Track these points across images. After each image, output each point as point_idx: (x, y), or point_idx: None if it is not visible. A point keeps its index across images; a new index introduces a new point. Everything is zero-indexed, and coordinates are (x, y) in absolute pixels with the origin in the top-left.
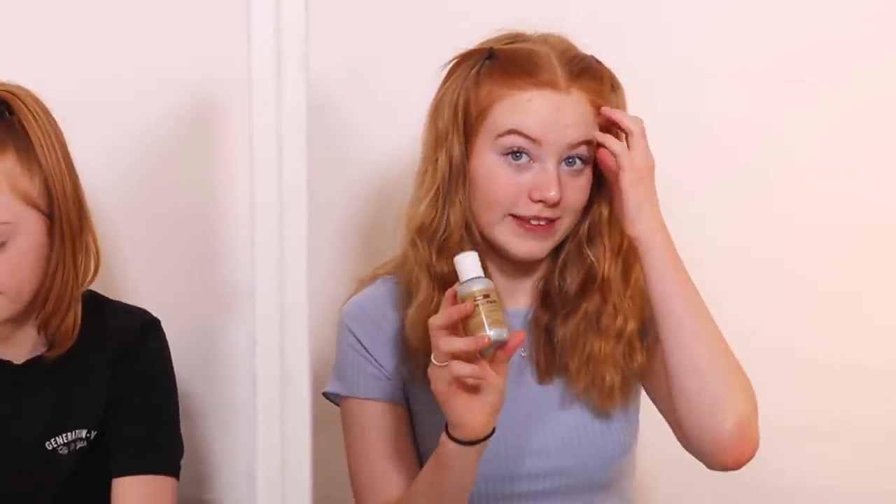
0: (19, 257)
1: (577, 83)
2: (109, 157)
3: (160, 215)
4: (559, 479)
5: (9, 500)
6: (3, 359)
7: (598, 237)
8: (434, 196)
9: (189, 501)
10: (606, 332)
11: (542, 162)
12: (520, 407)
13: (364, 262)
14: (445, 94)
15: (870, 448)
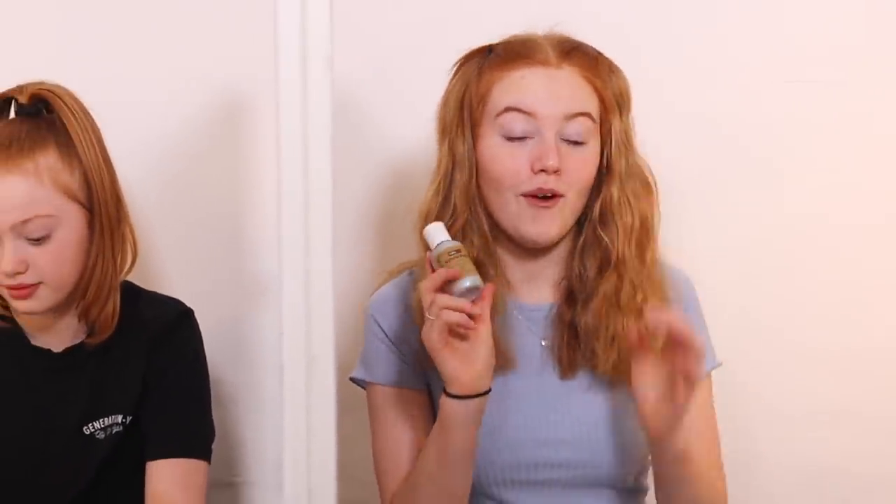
0: (62, 249)
1: (567, 59)
2: (143, 156)
3: (192, 211)
4: (576, 470)
5: (47, 483)
6: (44, 347)
7: (610, 218)
8: (438, 185)
9: (219, 483)
10: (627, 309)
11: (540, 135)
12: (540, 399)
13: (386, 255)
14: (451, 90)
15: (870, 434)
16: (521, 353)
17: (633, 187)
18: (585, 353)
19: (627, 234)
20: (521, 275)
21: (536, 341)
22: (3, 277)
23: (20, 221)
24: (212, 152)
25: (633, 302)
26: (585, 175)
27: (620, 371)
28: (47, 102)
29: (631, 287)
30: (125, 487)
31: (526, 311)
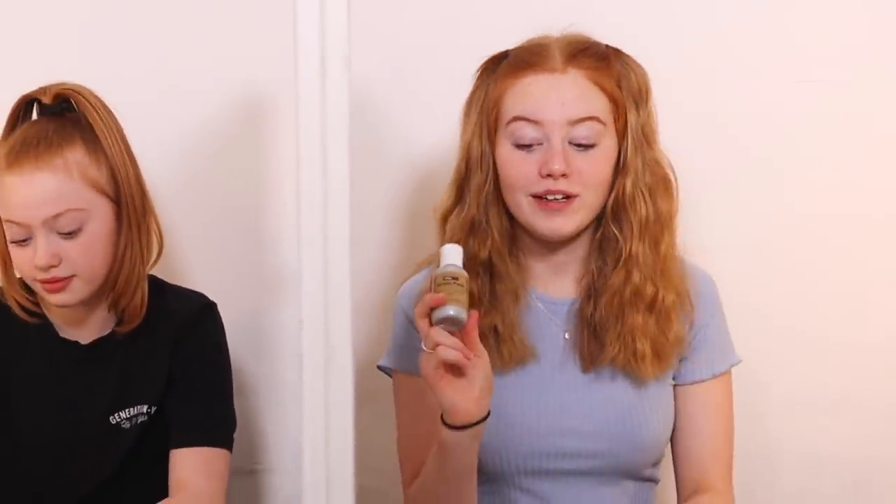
0: (93, 241)
1: (573, 62)
2: (167, 154)
3: (214, 208)
4: (594, 460)
5: (74, 471)
6: (72, 339)
7: (622, 213)
8: (454, 187)
9: (241, 471)
10: (637, 303)
11: (547, 140)
12: (561, 390)
13: (405, 250)
14: (472, 95)
15: (869, 421)
16: (544, 345)
17: (648, 181)
18: (601, 347)
19: (641, 227)
20: (546, 269)
21: (559, 334)
22: (37, 272)
23: (52, 216)
24: (233, 150)
25: (643, 296)
26: (597, 175)
27: (633, 365)
28: (71, 101)
29: (641, 281)
30: (149, 476)
31: (549, 304)
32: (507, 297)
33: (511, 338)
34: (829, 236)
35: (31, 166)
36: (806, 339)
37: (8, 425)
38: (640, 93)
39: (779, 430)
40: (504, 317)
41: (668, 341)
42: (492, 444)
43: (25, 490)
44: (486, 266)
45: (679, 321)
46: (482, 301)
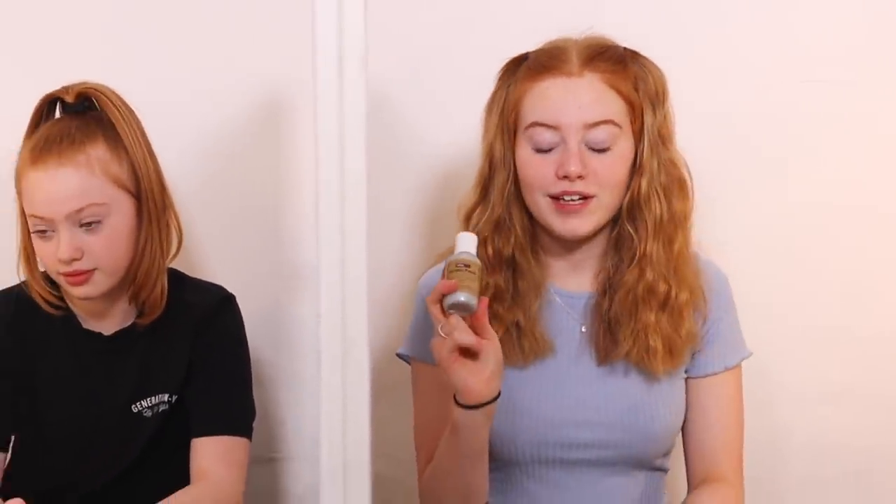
0: (114, 235)
1: (589, 66)
2: (189, 152)
3: (234, 204)
4: (607, 450)
5: (98, 459)
6: (95, 330)
7: (638, 212)
8: (478, 186)
9: (260, 459)
10: (650, 301)
11: (564, 143)
12: (577, 382)
13: (422, 246)
14: (493, 97)
15: (872, 410)
16: (561, 337)
17: (663, 181)
18: (615, 343)
19: (655, 227)
20: (564, 264)
21: (576, 327)
22: (60, 265)
23: (75, 210)
24: (253, 149)
25: (655, 294)
26: (613, 176)
27: (646, 361)
28: (93, 100)
29: (654, 280)
30: (170, 464)
31: (567, 298)
32: (528, 293)
33: (532, 332)
34: (833, 232)
35: (54, 162)
36: (811, 332)
37: (34, 414)
38: (657, 94)
39: (784, 419)
40: (526, 311)
41: (680, 338)
42: (508, 434)
43: (50, 477)
44: (510, 262)
45: (691, 318)
46: (505, 296)
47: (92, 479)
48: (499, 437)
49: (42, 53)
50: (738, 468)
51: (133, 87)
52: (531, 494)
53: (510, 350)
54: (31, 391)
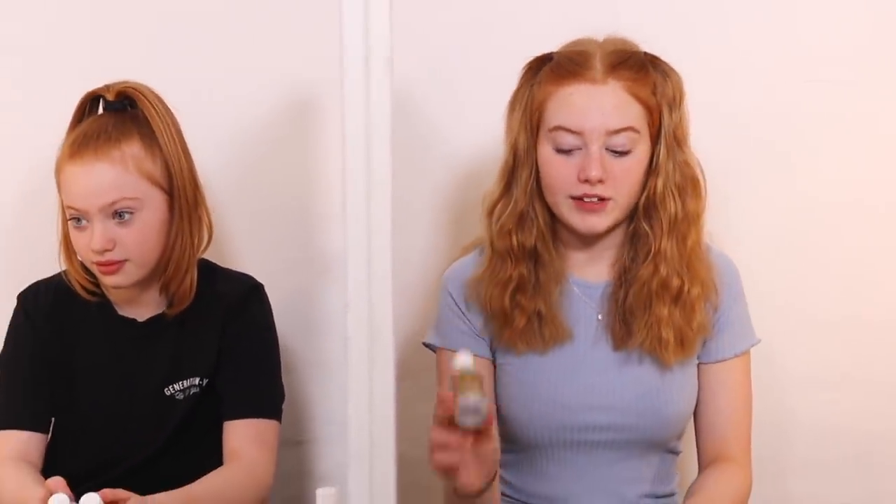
0: (145, 229)
1: (613, 74)
2: (223, 148)
3: (266, 197)
4: (620, 433)
5: (132, 439)
6: (129, 317)
7: (653, 210)
8: (502, 181)
9: (290, 441)
10: (663, 295)
11: (586, 147)
12: (594, 368)
13: (445, 238)
14: (516, 95)
15: (873, 395)
16: (579, 324)
17: (678, 181)
18: (629, 333)
19: (670, 225)
20: (582, 255)
21: (593, 315)
22: (93, 255)
23: (108, 203)
24: (283, 146)
25: (668, 288)
26: (631, 179)
27: (658, 351)
28: (132, 99)
29: (668, 275)
30: (201, 445)
31: (585, 287)
32: (549, 283)
33: (552, 320)
34: (835, 226)
35: (90, 157)
36: (814, 321)
37: (72, 398)
38: (674, 98)
39: (789, 404)
40: (547, 300)
41: (691, 330)
42: (528, 418)
43: (88, 457)
44: (532, 254)
45: (703, 311)
46: (527, 287)
47: (127, 459)
48: (519, 419)
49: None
50: (746, 449)
51: (171, 88)
52: (549, 475)
53: (531, 337)
54: (69, 376)
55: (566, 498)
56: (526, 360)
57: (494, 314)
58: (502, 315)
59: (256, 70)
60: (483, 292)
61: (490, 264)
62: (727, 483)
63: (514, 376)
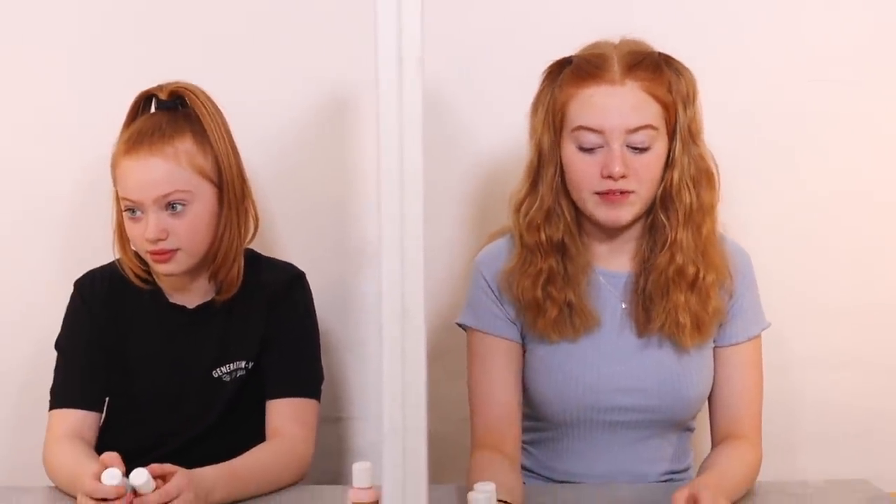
0: (196, 220)
1: (630, 75)
2: (268, 145)
3: (306, 191)
4: (643, 414)
5: (182, 419)
6: (179, 304)
7: (669, 201)
8: (528, 179)
9: (328, 419)
10: (679, 282)
11: (607, 145)
12: (619, 353)
13: (473, 228)
14: (539, 97)
15: (876, 375)
16: (605, 313)
17: (693, 174)
18: (649, 318)
19: (685, 215)
20: (605, 247)
21: (618, 304)
22: (147, 244)
23: (162, 195)
24: (322, 143)
25: (685, 276)
26: (651, 173)
27: (676, 335)
28: (183, 98)
29: (684, 263)
30: (246, 424)
31: (609, 277)
32: (577, 274)
33: (582, 310)
34: (839, 217)
35: (145, 153)
36: (821, 305)
37: (125, 379)
38: (687, 95)
39: (797, 384)
40: (576, 291)
41: (707, 315)
42: (558, 399)
43: (140, 436)
44: (560, 247)
45: (718, 296)
46: (557, 278)
47: (177, 438)
48: (549, 401)
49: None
50: (757, 427)
51: (219, 88)
52: (577, 452)
53: (563, 326)
54: (123, 359)
55: (590, 475)
56: (557, 348)
57: (527, 305)
58: (535, 306)
59: (297, 73)
60: (515, 285)
61: (520, 258)
62: (739, 458)
63: (546, 362)
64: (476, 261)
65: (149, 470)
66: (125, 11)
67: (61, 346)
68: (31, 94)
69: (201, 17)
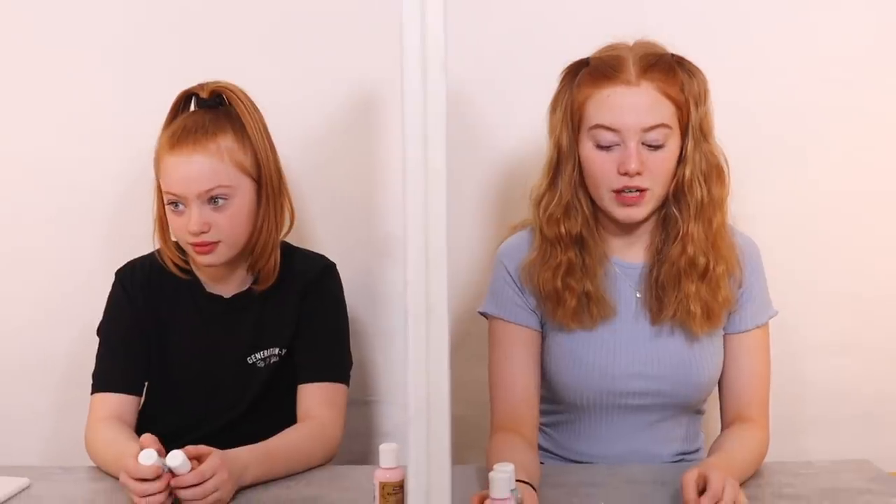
0: (237, 213)
1: (645, 76)
2: (300, 143)
3: (336, 186)
4: (656, 398)
5: (219, 402)
6: (216, 293)
7: (681, 195)
8: (547, 176)
9: (357, 402)
10: (690, 273)
11: (624, 143)
12: (634, 341)
13: (494, 221)
14: (558, 96)
15: (876, 362)
16: (621, 302)
17: (704, 169)
18: (661, 307)
19: (697, 209)
20: (621, 240)
21: (632, 293)
22: (190, 236)
23: (205, 190)
24: (351, 139)
25: (696, 266)
26: (665, 170)
27: (688, 323)
28: (224, 96)
29: (695, 254)
30: (277, 408)
31: (624, 268)
32: (594, 265)
33: (599, 299)
34: (841, 205)
35: (189, 149)
36: (825, 294)
37: (164, 365)
38: (699, 95)
39: (801, 369)
40: (593, 281)
41: (717, 303)
42: (576, 384)
43: (177, 419)
44: (578, 240)
45: (727, 286)
46: (576, 269)
47: (213, 420)
48: (567, 386)
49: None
50: (764, 411)
51: (256, 88)
52: (593, 434)
53: (581, 315)
54: (161, 345)
55: (605, 456)
56: (575, 335)
57: (547, 296)
58: (555, 296)
59: (328, 73)
60: (535, 276)
61: (541, 250)
62: (747, 440)
63: (565, 348)
64: (498, 252)
65: (184, 451)
66: (166, 16)
67: (103, 333)
68: (76, 95)
69: (238, 21)
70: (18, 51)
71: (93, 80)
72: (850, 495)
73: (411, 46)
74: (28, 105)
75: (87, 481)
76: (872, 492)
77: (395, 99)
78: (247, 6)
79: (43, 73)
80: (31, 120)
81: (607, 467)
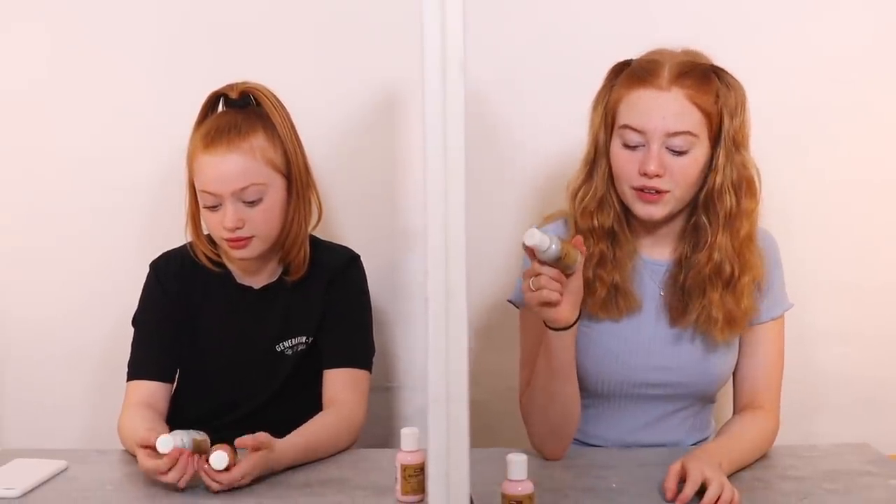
0: (269, 209)
1: (676, 82)
2: (326, 140)
3: (360, 181)
4: (673, 388)
5: (247, 389)
6: (246, 284)
7: (710, 203)
8: (585, 168)
9: (379, 388)
10: (715, 281)
11: (648, 145)
12: (654, 335)
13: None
14: (599, 94)
15: (879, 349)
16: (645, 298)
17: (734, 180)
18: (684, 312)
19: (725, 218)
20: (649, 238)
21: (657, 291)
22: (225, 232)
23: (239, 188)
24: (374, 137)
25: (721, 275)
26: (687, 176)
27: (709, 329)
28: (253, 96)
29: (721, 263)
30: (303, 394)
31: (652, 265)
32: (624, 259)
33: (626, 292)
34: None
35: (223, 149)
36: (830, 284)
37: (196, 353)
38: (735, 107)
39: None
40: (622, 274)
41: (740, 311)
42: (596, 372)
43: (207, 404)
44: (610, 233)
45: (751, 296)
46: (607, 262)
47: (242, 405)
48: (588, 373)
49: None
50: (775, 399)
51: (284, 89)
52: (610, 419)
53: (609, 306)
54: (193, 335)
55: (620, 441)
56: (601, 326)
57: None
58: (586, 286)
59: (352, 73)
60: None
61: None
62: (752, 426)
63: (591, 338)
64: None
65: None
66: (198, 26)
67: (137, 323)
68: (112, 95)
69: (267, 28)
70: (62, 58)
71: (129, 84)
72: (851, 477)
73: (432, 48)
74: (70, 108)
75: (122, 464)
76: (872, 474)
77: (417, 98)
78: (275, 14)
79: (84, 79)
80: (73, 122)
81: (618, 450)
